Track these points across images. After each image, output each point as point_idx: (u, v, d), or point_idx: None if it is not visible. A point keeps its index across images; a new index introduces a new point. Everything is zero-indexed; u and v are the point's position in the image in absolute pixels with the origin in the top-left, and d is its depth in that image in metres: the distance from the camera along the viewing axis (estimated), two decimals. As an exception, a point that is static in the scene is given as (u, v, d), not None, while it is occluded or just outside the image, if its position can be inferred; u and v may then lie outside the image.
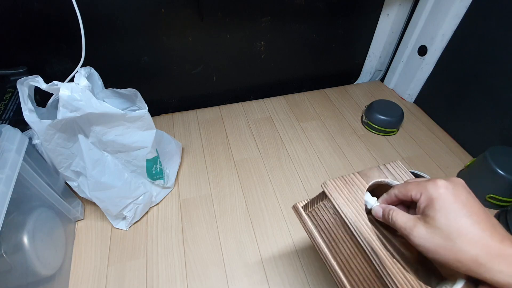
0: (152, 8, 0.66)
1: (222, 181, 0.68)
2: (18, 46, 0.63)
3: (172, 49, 0.75)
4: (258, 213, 0.61)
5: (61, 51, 0.66)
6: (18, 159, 0.41)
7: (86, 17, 0.54)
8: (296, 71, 0.93)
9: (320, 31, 0.85)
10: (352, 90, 0.97)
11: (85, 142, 0.48)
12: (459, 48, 0.74)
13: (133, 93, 0.51)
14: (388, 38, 0.91)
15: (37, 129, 0.43)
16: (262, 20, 0.76)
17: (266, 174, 0.69)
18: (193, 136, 0.79)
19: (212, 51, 0.79)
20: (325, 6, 0.79)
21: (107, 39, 0.68)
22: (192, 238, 0.57)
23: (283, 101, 0.92)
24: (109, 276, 0.52)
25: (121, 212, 0.55)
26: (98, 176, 0.50)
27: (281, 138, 0.79)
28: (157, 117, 0.85)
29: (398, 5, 0.84)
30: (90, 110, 0.43)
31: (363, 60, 0.98)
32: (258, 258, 0.54)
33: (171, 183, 0.64)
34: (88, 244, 0.56)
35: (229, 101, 0.91)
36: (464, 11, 0.71)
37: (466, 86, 0.74)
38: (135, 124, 0.50)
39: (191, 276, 0.52)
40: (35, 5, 0.59)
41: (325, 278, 0.52)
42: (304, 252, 0.55)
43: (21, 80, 0.41)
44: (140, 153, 0.53)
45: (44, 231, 0.47)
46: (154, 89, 0.82)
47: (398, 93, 0.95)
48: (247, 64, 0.86)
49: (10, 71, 0.61)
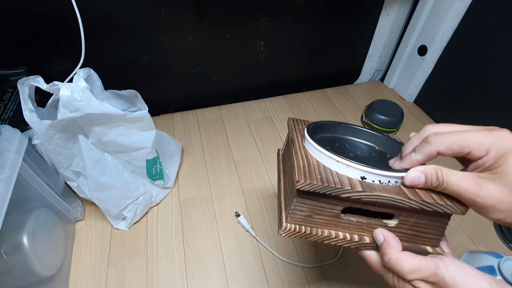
0: (152, 8, 0.66)
1: (222, 181, 0.68)
2: (18, 46, 0.63)
3: (172, 49, 0.75)
4: (258, 213, 0.61)
5: (60, 51, 0.66)
6: (17, 160, 0.41)
7: (86, 17, 0.54)
8: (296, 71, 0.93)
9: (320, 31, 0.85)
10: (352, 90, 0.97)
11: (85, 142, 0.48)
12: (459, 48, 0.74)
13: (133, 94, 0.51)
14: (388, 38, 0.91)
15: (37, 129, 0.43)
16: (262, 20, 0.76)
17: (266, 174, 0.69)
18: (193, 136, 0.79)
19: (212, 51, 0.79)
20: (325, 6, 0.79)
21: (107, 39, 0.68)
22: (192, 238, 0.57)
23: (283, 101, 0.92)
24: (109, 276, 0.52)
25: (121, 213, 0.55)
26: (98, 177, 0.50)
27: (281, 138, 0.79)
28: (157, 117, 0.85)
29: (398, 5, 0.84)
30: (90, 111, 0.43)
31: (363, 60, 0.98)
32: (258, 258, 0.54)
33: (171, 183, 0.64)
34: (88, 244, 0.56)
35: (229, 101, 0.91)
36: (464, 11, 0.70)
37: (466, 86, 0.74)
38: (135, 124, 0.50)
39: (191, 276, 0.52)
40: (35, 5, 0.58)
41: (325, 278, 0.52)
42: (304, 252, 0.55)
43: (22, 80, 0.41)
44: (140, 153, 0.53)
45: (44, 232, 0.46)
46: (154, 89, 0.82)
47: (398, 93, 0.95)
48: (247, 64, 0.86)
49: (10, 71, 0.61)
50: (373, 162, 0.35)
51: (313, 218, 0.31)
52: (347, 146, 0.37)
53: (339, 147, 0.37)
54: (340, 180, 0.28)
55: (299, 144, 0.33)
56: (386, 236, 0.28)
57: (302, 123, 0.39)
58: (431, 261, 0.25)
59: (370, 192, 0.27)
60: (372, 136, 0.38)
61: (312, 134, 0.33)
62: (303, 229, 0.31)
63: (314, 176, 0.28)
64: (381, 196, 0.27)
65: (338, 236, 0.31)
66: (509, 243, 0.56)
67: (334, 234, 0.31)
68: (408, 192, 0.27)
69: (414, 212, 0.29)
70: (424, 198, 0.27)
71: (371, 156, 0.36)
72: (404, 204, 0.27)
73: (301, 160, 0.30)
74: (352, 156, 0.35)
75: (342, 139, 0.38)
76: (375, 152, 0.37)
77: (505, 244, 0.56)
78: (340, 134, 0.38)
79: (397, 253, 0.26)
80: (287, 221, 0.32)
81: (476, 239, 0.57)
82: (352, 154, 0.36)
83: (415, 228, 0.30)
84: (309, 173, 0.28)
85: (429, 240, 0.30)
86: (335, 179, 0.28)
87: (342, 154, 0.31)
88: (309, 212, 0.31)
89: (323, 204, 0.30)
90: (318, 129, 0.36)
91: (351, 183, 0.27)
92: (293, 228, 0.31)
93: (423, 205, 0.27)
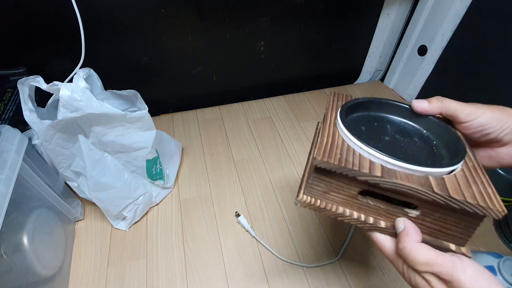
0: (152, 8, 0.66)
1: (222, 181, 0.68)
2: (18, 46, 0.63)
3: (172, 49, 0.75)
4: (258, 213, 0.61)
5: (60, 51, 0.66)
6: (17, 160, 0.41)
7: (85, 17, 0.54)
8: (296, 71, 0.93)
9: (320, 31, 0.85)
10: (352, 90, 0.97)
11: (85, 142, 0.48)
12: (459, 48, 0.74)
13: (133, 94, 0.51)
14: (388, 38, 0.91)
15: (37, 129, 0.43)
16: (262, 20, 0.76)
17: (266, 174, 0.69)
18: (193, 136, 0.79)
19: (212, 51, 0.79)
20: (325, 6, 0.79)
21: (107, 39, 0.68)
22: (192, 238, 0.57)
23: (283, 101, 0.92)
24: (109, 277, 0.52)
25: (121, 213, 0.55)
26: (98, 177, 0.50)
27: (281, 138, 0.79)
28: (156, 117, 0.85)
29: (398, 5, 0.84)
30: (90, 111, 0.43)
31: (363, 60, 0.98)
32: (258, 258, 0.54)
33: (171, 183, 0.64)
34: (88, 245, 0.56)
35: (229, 101, 0.91)
36: (464, 11, 0.70)
37: (466, 86, 0.74)
38: (135, 124, 0.50)
39: (191, 276, 0.52)
40: (35, 5, 0.58)
41: (325, 278, 0.52)
42: (304, 252, 0.55)
43: (22, 80, 0.41)
44: (140, 153, 0.53)
45: (44, 232, 0.46)
46: (153, 89, 0.82)
47: (398, 93, 0.95)
48: (247, 64, 0.86)
49: (10, 71, 0.61)
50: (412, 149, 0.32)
51: (330, 195, 0.31)
52: (388, 127, 0.34)
53: (377, 127, 0.34)
54: (360, 163, 0.27)
55: (331, 121, 0.32)
56: (407, 225, 0.27)
57: (343, 99, 0.37)
58: (449, 259, 0.24)
59: (389, 179, 0.25)
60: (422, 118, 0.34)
61: (347, 112, 0.32)
62: (318, 203, 0.32)
63: (333, 155, 0.27)
64: (401, 185, 0.25)
65: (352, 215, 0.31)
66: (509, 243, 0.56)
67: (349, 213, 0.31)
68: (434, 185, 0.25)
69: (439, 207, 0.27)
70: (452, 193, 0.25)
71: (412, 141, 0.33)
72: (427, 196, 0.25)
73: (325, 138, 0.29)
74: (387, 141, 0.32)
75: (384, 118, 0.35)
76: (420, 138, 0.33)
77: (505, 244, 0.56)
78: (384, 113, 0.36)
79: (414, 243, 0.25)
80: (305, 193, 0.32)
81: (476, 239, 0.57)
82: (388, 138, 0.33)
83: (439, 223, 0.28)
84: (330, 152, 0.28)
85: (455, 238, 0.28)
86: (355, 161, 0.27)
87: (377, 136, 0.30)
88: (326, 188, 0.30)
89: (341, 183, 0.29)
90: (358, 107, 0.35)
91: (372, 167, 0.26)
92: (308, 200, 0.32)
93: (450, 201, 0.25)
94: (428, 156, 0.30)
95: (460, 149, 0.29)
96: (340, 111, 0.32)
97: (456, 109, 0.31)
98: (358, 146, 0.28)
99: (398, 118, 0.35)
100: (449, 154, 0.30)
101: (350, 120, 0.32)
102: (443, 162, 0.29)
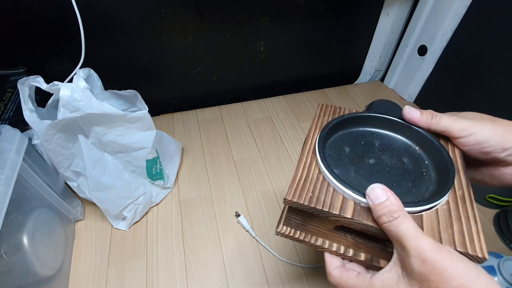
0: (152, 8, 0.66)
1: (222, 181, 0.68)
2: (18, 46, 0.63)
3: (172, 49, 0.75)
4: (258, 213, 0.61)
5: (61, 51, 0.66)
6: (17, 160, 0.41)
7: (86, 17, 0.54)
8: (296, 71, 0.93)
9: (320, 31, 0.85)
10: (352, 90, 0.97)
11: (85, 142, 0.48)
12: (459, 48, 0.74)
13: (133, 94, 0.51)
14: (388, 38, 0.91)
15: (37, 129, 0.43)
16: (262, 20, 0.76)
17: (266, 174, 0.69)
18: (193, 136, 0.79)
19: (212, 51, 0.79)
20: (325, 6, 0.79)
21: (107, 39, 0.68)
22: (192, 238, 0.57)
23: (283, 101, 0.92)
24: (109, 277, 0.52)
25: (121, 213, 0.55)
26: (98, 177, 0.50)
27: (281, 138, 0.79)
28: (156, 117, 0.85)
29: (398, 5, 0.84)
30: (90, 111, 0.43)
31: (363, 60, 0.98)
32: (258, 258, 0.54)
33: (171, 183, 0.64)
34: (88, 245, 0.56)
35: (229, 101, 0.91)
36: (464, 11, 0.70)
37: (466, 86, 0.74)
38: (135, 124, 0.50)
39: (191, 276, 0.52)
40: (35, 5, 0.58)
41: (325, 278, 0.52)
42: (304, 252, 0.55)
43: (22, 80, 0.41)
44: (140, 153, 0.53)
45: (43, 232, 0.46)
46: (154, 89, 0.82)
47: (398, 93, 0.95)
48: (247, 64, 0.86)
49: (10, 71, 0.61)
50: (397, 174, 0.29)
51: (307, 227, 0.31)
52: (376, 145, 0.32)
53: (364, 147, 0.32)
54: (332, 202, 0.26)
55: (311, 145, 0.30)
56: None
57: (330, 113, 0.34)
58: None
59: (359, 221, 0.25)
60: (415, 133, 0.31)
61: (330, 133, 0.31)
62: (298, 234, 0.31)
63: (304, 193, 0.26)
64: (372, 227, 0.24)
65: (331, 246, 0.30)
66: (509, 243, 0.56)
67: (328, 244, 0.30)
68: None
69: None
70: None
71: (400, 162, 0.30)
72: None
73: (300, 171, 0.28)
74: (371, 164, 0.30)
75: (373, 134, 0.33)
76: (410, 157, 0.31)
77: (505, 244, 0.56)
78: (374, 128, 0.33)
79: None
80: (284, 223, 0.32)
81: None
82: (373, 161, 0.30)
83: None
84: (301, 189, 0.27)
85: None
86: (326, 200, 0.26)
87: (361, 159, 0.29)
88: (303, 221, 0.30)
89: (316, 218, 0.29)
90: (347, 123, 0.33)
91: (344, 206, 0.25)
92: (288, 231, 0.32)
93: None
94: (414, 183, 0.28)
95: (450, 176, 0.27)
96: (319, 136, 0.30)
97: (447, 126, 0.29)
98: (332, 182, 0.27)
99: (389, 133, 0.33)
100: (438, 179, 0.28)
101: (333, 141, 0.31)
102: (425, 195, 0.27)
